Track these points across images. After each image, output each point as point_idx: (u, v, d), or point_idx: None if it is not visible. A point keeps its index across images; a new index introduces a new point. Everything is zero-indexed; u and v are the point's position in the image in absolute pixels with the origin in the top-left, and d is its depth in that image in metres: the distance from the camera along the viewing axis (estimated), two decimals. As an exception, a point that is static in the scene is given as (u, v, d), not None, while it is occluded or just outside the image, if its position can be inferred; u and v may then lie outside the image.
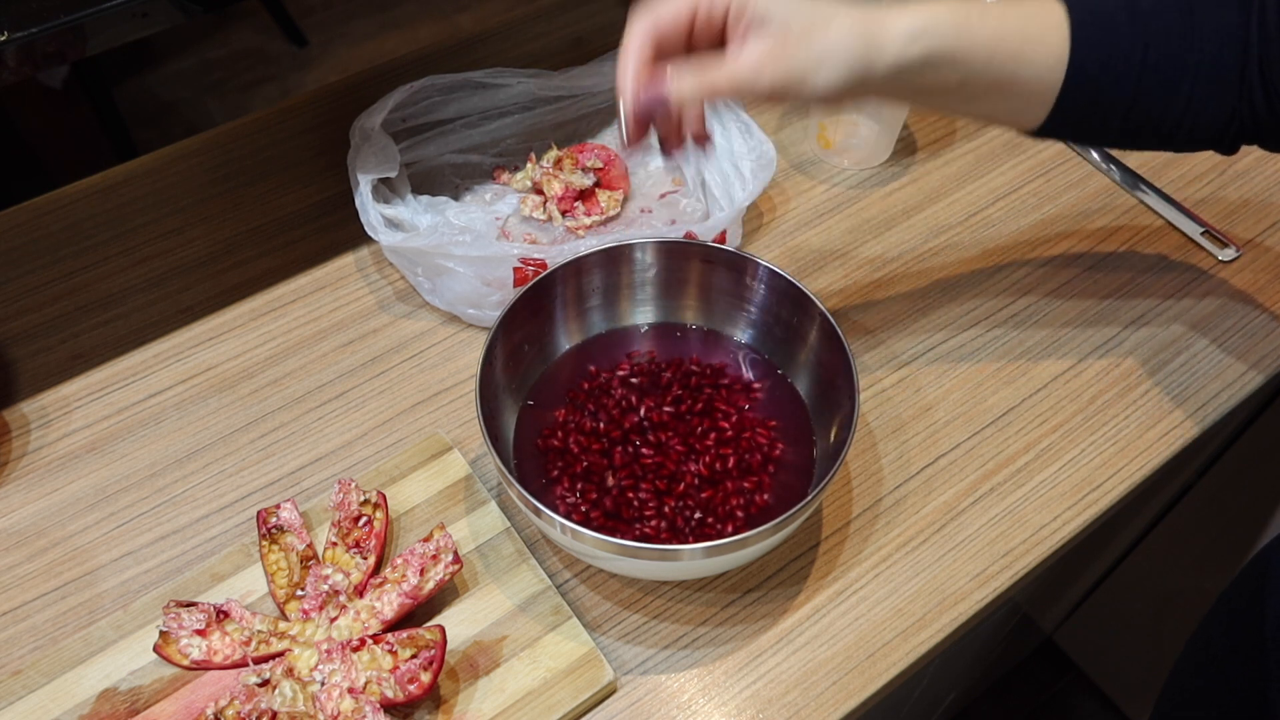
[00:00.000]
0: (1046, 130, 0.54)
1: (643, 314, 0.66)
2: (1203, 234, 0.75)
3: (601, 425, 0.61)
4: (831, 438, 0.58)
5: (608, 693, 0.54)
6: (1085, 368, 0.68)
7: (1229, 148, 0.55)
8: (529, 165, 0.77)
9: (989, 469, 0.63)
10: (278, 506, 0.58)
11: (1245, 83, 0.52)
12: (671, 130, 0.52)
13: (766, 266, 0.61)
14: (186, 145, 0.82)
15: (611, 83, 0.81)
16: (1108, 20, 0.51)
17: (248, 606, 0.55)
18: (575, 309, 0.64)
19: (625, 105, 0.48)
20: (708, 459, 0.59)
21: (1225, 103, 0.52)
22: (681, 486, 0.58)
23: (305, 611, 0.54)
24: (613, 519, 0.57)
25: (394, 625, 0.54)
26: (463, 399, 0.67)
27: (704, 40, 0.50)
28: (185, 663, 0.52)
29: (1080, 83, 0.51)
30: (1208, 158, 0.80)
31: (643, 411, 0.61)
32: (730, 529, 0.57)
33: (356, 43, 2.23)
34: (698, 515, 0.57)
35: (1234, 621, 0.57)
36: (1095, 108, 0.53)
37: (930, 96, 0.52)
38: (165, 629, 0.53)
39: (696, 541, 0.56)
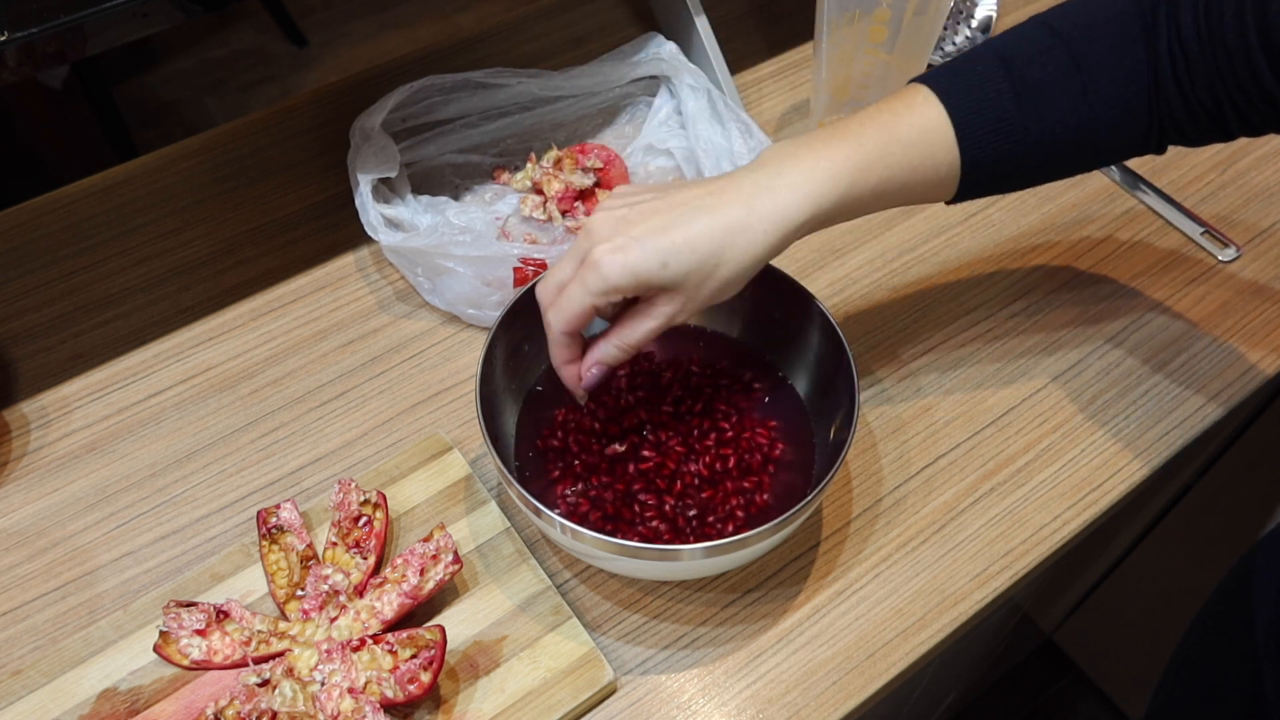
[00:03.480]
0: (959, 201, 0.56)
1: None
2: (1203, 234, 0.75)
3: (601, 425, 0.60)
4: (831, 438, 0.58)
5: (608, 693, 0.54)
6: (1085, 368, 0.68)
7: (1155, 151, 0.56)
8: (529, 165, 0.77)
9: (989, 469, 0.63)
10: (278, 506, 0.58)
11: (1161, 104, 0.52)
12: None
13: (766, 266, 0.61)
14: (186, 145, 0.82)
15: (612, 83, 0.81)
16: (992, 113, 0.52)
17: (248, 606, 0.55)
18: (575, 309, 0.64)
19: (571, 387, 0.55)
20: (708, 459, 0.59)
21: (1138, 129, 0.53)
22: (681, 486, 0.58)
23: (305, 611, 0.54)
24: (613, 519, 0.57)
25: (394, 625, 0.54)
26: (463, 399, 0.67)
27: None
28: (185, 663, 0.52)
29: (977, 176, 0.53)
30: (1208, 158, 0.80)
31: (643, 412, 0.61)
32: (730, 529, 0.57)
33: (356, 43, 2.23)
34: (698, 515, 0.57)
35: (1222, 623, 0.57)
36: (1002, 180, 0.55)
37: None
38: (165, 629, 0.53)
39: (697, 541, 0.56)
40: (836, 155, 0.50)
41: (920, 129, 0.51)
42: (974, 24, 0.90)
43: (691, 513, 0.57)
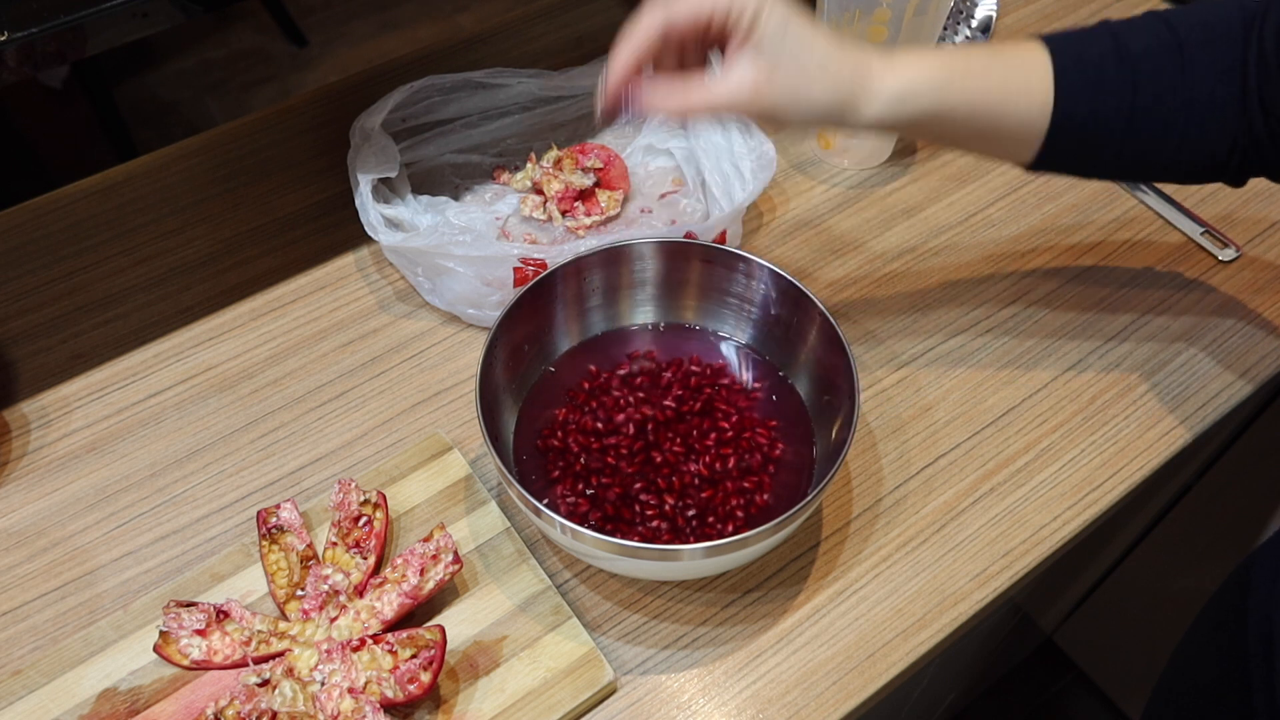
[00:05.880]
0: (1039, 167, 0.56)
1: (643, 314, 0.66)
2: (1203, 234, 0.75)
3: (601, 425, 0.61)
4: (831, 438, 0.58)
5: (608, 693, 0.54)
6: (1085, 368, 0.68)
7: (1234, 179, 0.56)
8: (529, 165, 0.77)
9: (989, 469, 0.63)
10: (278, 506, 0.58)
11: (1246, 115, 0.52)
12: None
13: (766, 266, 0.61)
14: (186, 145, 0.82)
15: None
16: (1094, 66, 0.53)
17: (248, 606, 0.55)
18: (575, 309, 0.64)
19: (605, 94, 0.51)
20: (708, 459, 0.59)
21: (1224, 135, 0.53)
22: (681, 486, 0.58)
23: (305, 611, 0.54)
24: (613, 519, 0.57)
25: (394, 625, 0.54)
26: (463, 399, 0.67)
27: (698, 44, 0.51)
28: (185, 663, 0.52)
29: (1066, 128, 0.53)
30: (1208, 158, 0.80)
31: (643, 411, 0.61)
32: (730, 529, 0.57)
33: (356, 43, 2.23)
34: (697, 515, 0.57)
35: (1217, 629, 0.57)
36: (1085, 147, 0.55)
37: (915, 137, 0.53)
38: (165, 629, 0.53)
39: (697, 541, 0.56)
40: (943, 57, 0.52)
41: (1024, 62, 0.53)
42: (974, 24, 0.90)
43: (691, 513, 0.57)
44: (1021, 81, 0.52)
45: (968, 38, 0.89)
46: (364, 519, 0.58)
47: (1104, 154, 0.55)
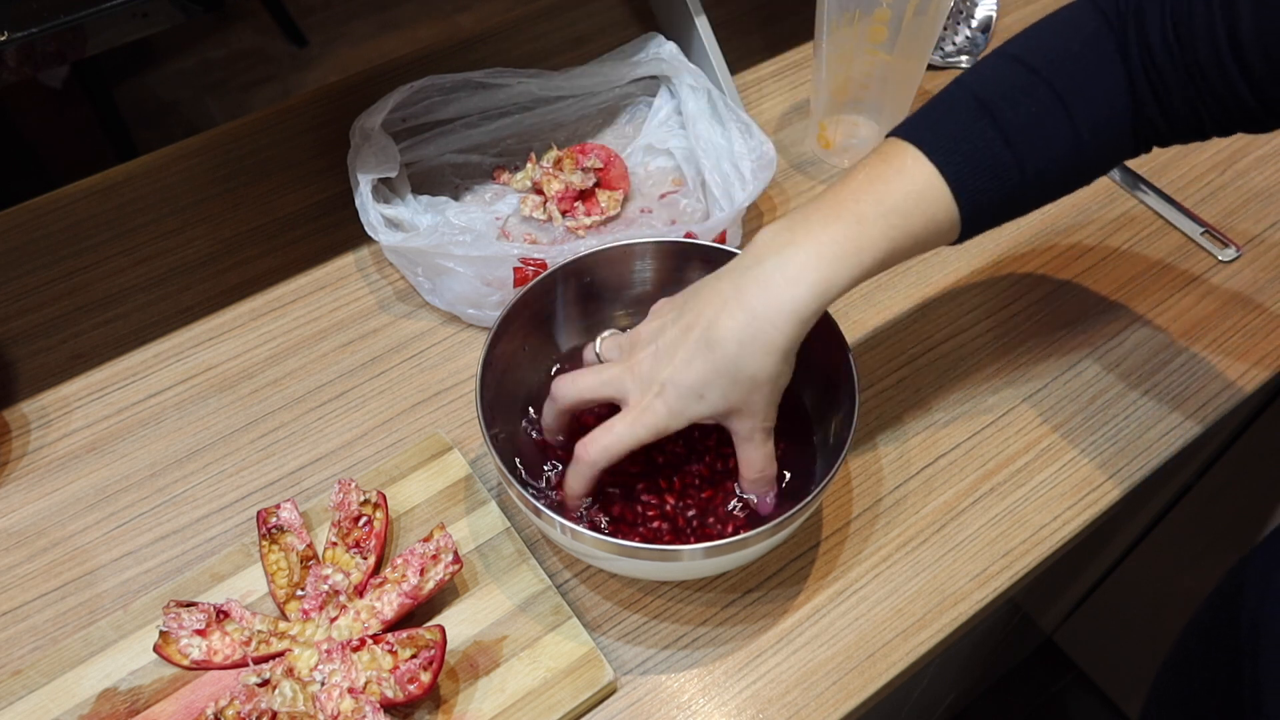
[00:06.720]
0: (963, 242, 0.55)
1: (643, 315, 0.66)
2: (1203, 234, 0.75)
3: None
4: (831, 438, 0.58)
5: (608, 693, 0.54)
6: (1085, 368, 0.68)
7: (1143, 153, 0.55)
8: (529, 165, 0.77)
9: (989, 469, 0.63)
10: (278, 506, 0.58)
11: (1142, 118, 0.51)
12: None
13: (766, 266, 0.61)
14: (187, 145, 0.82)
15: (612, 83, 0.81)
16: (985, 159, 0.50)
17: (248, 606, 0.55)
18: (575, 309, 0.64)
19: (573, 510, 0.57)
20: (708, 459, 0.59)
21: (1125, 140, 0.53)
22: (682, 486, 0.58)
23: (305, 611, 0.54)
24: (613, 520, 0.57)
25: (394, 625, 0.54)
26: (463, 399, 0.67)
27: None
28: (185, 663, 0.52)
29: (975, 222, 0.52)
30: (1208, 158, 0.80)
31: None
32: (730, 529, 0.57)
33: (356, 43, 2.23)
34: (698, 515, 0.57)
35: (1209, 633, 0.58)
36: (997, 220, 0.54)
37: None
38: (165, 629, 0.53)
39: (697, 541, 0.56)
40: (838, 238, 0.49)
41: (917, 195, 0.50)
42: (974, 24, 0.90)
43: (691, 513, 0.57)
44: (924, 221, 0.50)
45: (968, 37, 0.89)
46: (364, 519, 0.58)
47: (1024, 210, 0.55)
